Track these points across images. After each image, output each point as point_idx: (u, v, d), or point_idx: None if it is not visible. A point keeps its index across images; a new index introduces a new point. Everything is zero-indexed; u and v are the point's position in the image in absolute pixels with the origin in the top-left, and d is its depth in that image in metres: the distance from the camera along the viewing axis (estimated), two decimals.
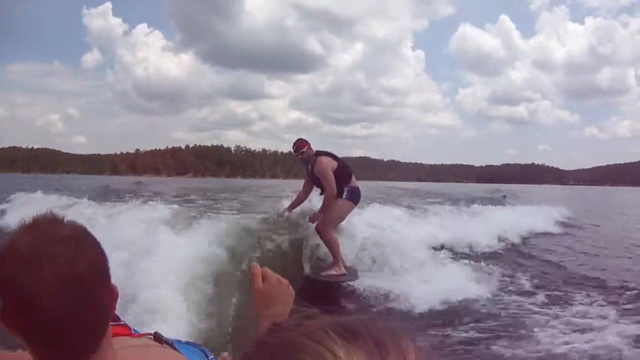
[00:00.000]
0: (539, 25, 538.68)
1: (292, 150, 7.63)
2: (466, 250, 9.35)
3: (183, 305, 5.31)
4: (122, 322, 1.38)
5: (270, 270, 1.32)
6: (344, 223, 7.81)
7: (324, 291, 6.97)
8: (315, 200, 7.95)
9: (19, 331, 0.97)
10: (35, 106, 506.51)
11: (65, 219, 1.03)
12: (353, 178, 7.55)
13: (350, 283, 7.23)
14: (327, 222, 7.32)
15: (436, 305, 6.53)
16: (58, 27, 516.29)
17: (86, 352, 1.01)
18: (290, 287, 1.31)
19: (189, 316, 5.26)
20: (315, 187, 7.78)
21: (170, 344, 1.39)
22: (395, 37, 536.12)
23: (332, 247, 7.29)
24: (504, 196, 21.08)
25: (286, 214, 8.02)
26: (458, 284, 7.18)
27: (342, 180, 7.39)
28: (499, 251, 10.02)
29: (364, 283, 7.19)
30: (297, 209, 8.07)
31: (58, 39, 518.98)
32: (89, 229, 1.05)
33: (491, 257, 9.49)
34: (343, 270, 7.33)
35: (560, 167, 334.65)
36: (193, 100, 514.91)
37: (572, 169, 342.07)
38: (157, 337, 1.39)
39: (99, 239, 1.04)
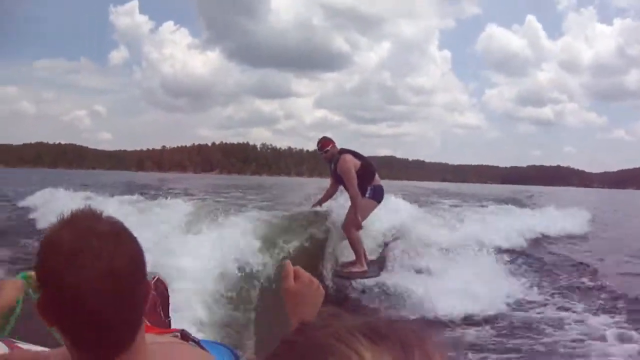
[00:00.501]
0: (566, 26, 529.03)
1: (317, 149, 7.66)
2: (488, 251, 9.32)
3: (207, 304, 5.33)
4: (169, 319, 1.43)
5: (302, 270, 1.32)
6: (367, 221, 7.73)
7: (345, 289, 7.04)
8: (342, 199, 7.95)
9: (58, 324, 0.99)
10: (62, 102, 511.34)
11: (103, 214, 1.05)
12: (377, 176, 7.58)
13: (371, 281, 7.23)
14: (350, 220, 7.32)
15: (455, 307, 6.46)
16: (85, 25, 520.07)
17: (122, 345, 1.03)
18: (321, 287, 1.31)
19: (213, 315, 5.27)
20: (340, 185, 7.78)
21: (197, 342, 1.40)
22: (422, 36, 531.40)
23: (355, 244, 7.33)
24: (531, 196, 20.84)
25: (316, 207, 8.14)
26: (478, 286, 7.14)
27: (366, 178, 7.41)
28: (521, 253, 9.94)
29: (385, 281, 7.17)
30: (324, 205, 8.14)
31: (85, 37, 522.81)
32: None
33: (512, 259, 9.43)
34: (365, 268, 7.36)
35: (586, 170, 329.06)
36: (219, 98, 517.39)
37: (597, 171, 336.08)
38: (184, 335, 1.40)
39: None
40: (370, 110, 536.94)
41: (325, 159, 7.66)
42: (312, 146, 7.95)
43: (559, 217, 14.14)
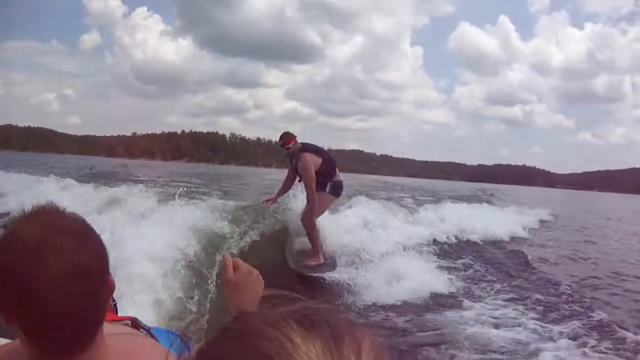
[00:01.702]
0: (538, 29, 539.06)
1: (278, 144, 7.70)
2: (438, 247, 9.50)
3: (158, 293, 5.20)
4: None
5: (240, 261, 1.34)
6: (327, 215, 7.99)
7: (298, 281, 7.07)
8: (301, 192, 7.98)
9: (19, 322, 0.97)
10: (31, 84, 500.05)
11: (66, 210, 1.04)
12: (337, 172, 7.69)
13: (327, 275, 7.28)
14: (308, 213, 7.46)
15: (402, 299, 6.70)
16: (57, 7, 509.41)
17: (85, 342, 1.02)
18: (260, 277, 1.32)
19: (165, 304, 5.16)
20: (298, 180, 7.83)
21: (147, 330, 1.41)
22: (395, 32, 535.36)
23: (313, 237, 7.50)
24: (491, 194, 21.15)
25: (269, 204, 8.15)
26: (425, 281, 7.30)
27: (326, 174, 7.54)
28: (465, 248, 10.17)
29: (339, 275, 7.26)
30: (280, 199, 8.19)
31: (57, 19, 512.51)
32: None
33: (457, 254, 9.66)
34: (321, 261, 7.49)
35: (551, 170, 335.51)
36: (189, 85, 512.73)
37: (562, 172, 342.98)
38: (135, 323, 1.40)
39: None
40: (340, 104, 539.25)
41: (287, 155, 7.71)
42: None
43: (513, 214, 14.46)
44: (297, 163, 7.49)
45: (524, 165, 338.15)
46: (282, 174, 8.25)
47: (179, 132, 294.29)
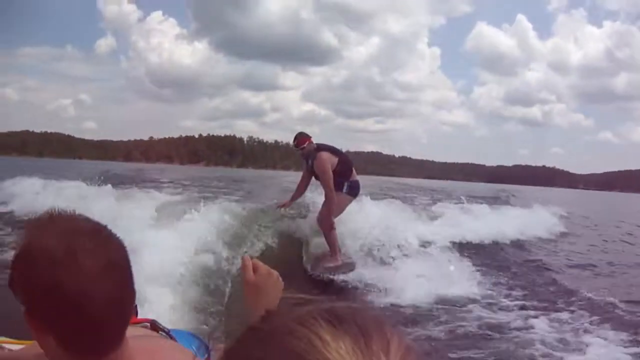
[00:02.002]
0: (556, 27, 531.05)
1: (293, 145, 7.67)
2: (460, 248, 9.41)
3: (176, 297, 5.32)
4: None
5: (260, 262, 1.34)
6: (344, 215, 7.90)
7: (318, 283, 7.08)
8: (317, 193, 8.01)
9: (56, 331, 0.96)
10: (46, 91, 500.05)
11: (77, 213, 1.04)
12: (354, 172, 7.67)
13: (346, 276, 7.29)
14: (326, 214, 7.45)
15: (424, 301, 6.66)
16: (72, 12, 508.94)
17: (118, 342, 1.03)
18: (280, 279, 1.32)
19: (183, 307, 5.28)
20: (314, 180, 7.83)
21: (167, 332, 1.41)
22: (412, 32, 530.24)
23: (330, 239, 7.47)
24: (512, 195, 20.91)
25: (282, 209, 8.16)
26: (447, 282, 7.27)
27: (343, 174, 7.53)
28: (490, 250, 10.05)
29: (358, 276, 7.28)
30: (298, 201, 8.19)
31: (72, 24, 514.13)
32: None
33: (481, 255, 9.57)
34: (339, 262, 7.47)
35: (571, 171, 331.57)
36: (205, 89, 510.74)
37: (583, 172, 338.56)
38: (154, 326, 1.40)
39: None
40: (358, 106, 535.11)
41: (302, 155, 7.68)
42: None
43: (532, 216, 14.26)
44: (314, 162, 7.46)
45: (543, 166, 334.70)
46: (300, 176, 8.24)
47: (196, 135, 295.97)
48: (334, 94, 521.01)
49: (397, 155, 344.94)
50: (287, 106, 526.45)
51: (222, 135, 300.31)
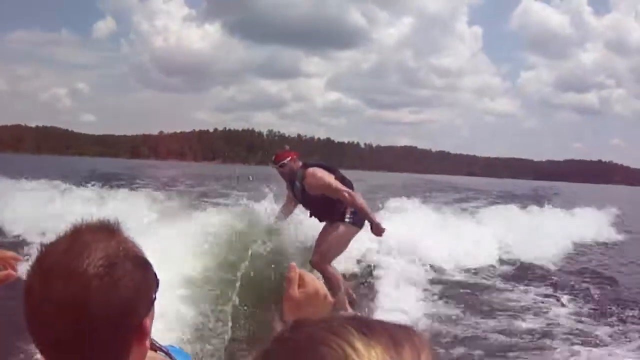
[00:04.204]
0: (614, 1, 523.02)
1: (272, 163, 6.87)
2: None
3: (174, 306, 5.34)
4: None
5: (309, 276, 1.29)
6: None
7: None
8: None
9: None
10: (39, 79, 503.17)
11: (80, 222, 1.11)
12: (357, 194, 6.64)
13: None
14: (324, 252, 6.52)
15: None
16: None
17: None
18: (329, 297, 1.28)
19: (183, 318, 5.33)
20: (303, 208, 7.12)
21: (165, 351, 1.42)
22: (449, 10, 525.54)
23: (332, 283, 6.20)
24: (554, 194, 20.70)
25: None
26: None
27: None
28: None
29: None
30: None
31: (66, 6, 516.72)
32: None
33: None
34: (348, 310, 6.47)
35: (632, 166, 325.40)
36: (219, 77, 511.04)
37: None
38: (152, 344, 1.40)
39: None
40: (390, 94, 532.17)
41: (283, 174, 6.87)
42: (323, 133, 7.52)
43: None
44: (303, 183, 6.59)
45: (599, 161, 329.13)
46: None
47: (211, 130, 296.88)
48: (362, 81, 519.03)
49: (434, 150, 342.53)
50: (310, 95, 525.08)
51: (240, 129, 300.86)
